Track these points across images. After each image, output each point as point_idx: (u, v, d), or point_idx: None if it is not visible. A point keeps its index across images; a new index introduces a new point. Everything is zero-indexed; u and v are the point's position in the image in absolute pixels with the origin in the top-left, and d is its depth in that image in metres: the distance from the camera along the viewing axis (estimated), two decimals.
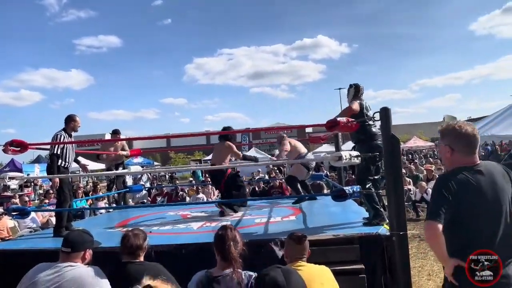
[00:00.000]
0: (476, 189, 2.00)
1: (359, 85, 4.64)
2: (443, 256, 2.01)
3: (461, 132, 2.08)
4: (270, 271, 1.44)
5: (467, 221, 2.01)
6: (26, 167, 20.51)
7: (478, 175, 2.03)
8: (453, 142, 2.10)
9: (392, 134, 3.73)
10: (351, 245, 3.70)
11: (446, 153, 2.13)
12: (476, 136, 2.10)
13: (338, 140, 7.86)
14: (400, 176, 3.71)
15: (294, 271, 1.48)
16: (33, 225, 7.55)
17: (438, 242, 1.96)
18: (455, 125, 2.12)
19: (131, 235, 2.59)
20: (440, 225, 1.94)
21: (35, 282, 2.25)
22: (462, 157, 2.08)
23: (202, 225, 5.07)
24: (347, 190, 4.06)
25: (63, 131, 4.99)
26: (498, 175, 2.08)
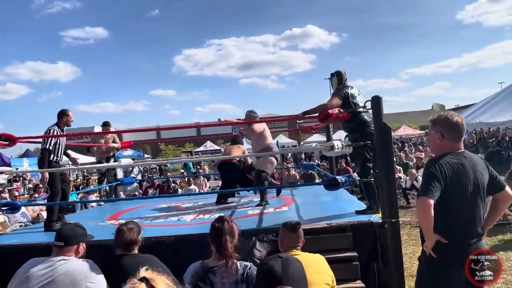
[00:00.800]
0: (462, 171, 2.24)
1: (341, 72, 4.52)
2: (430, 231, 2.19)
3: (452, 121, 2.33)
4: (269, 260, 1.44)
5: (451, 200, 2.23)
6: (14, 162, 20.23)
7: (464, 159, 2.28)
8: (444, 129, 2.34)
9: (384, 122, 3.74)
10: (344, 233, 3.74)
11: (437, 140, 2.37)
12: (464, 125, 2.37)
13: (329, 130, 7.86)
14: (392, 164, 3.74)
15: (295, 260, 1.48)
16: (23, 220, 7.48)
17: (429, 217, 2.14)
18: (447, 115, 2.37)
19: (125, 230, 2.57)
20: (432, 201, 2.13)
21: (28, 276, 2.23)
22: (450, 144, 2.33)
23: (195, 217, 5.06)
24: (339, 179, 4.09)
25: (56, 126, 4.96)
26: (478, 162, 2.34)
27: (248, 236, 3.70)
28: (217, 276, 2.15)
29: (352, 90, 4.39)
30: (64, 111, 5.11)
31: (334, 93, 4.45)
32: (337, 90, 4.42)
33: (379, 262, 3.69)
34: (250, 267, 2.19)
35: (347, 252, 3.60)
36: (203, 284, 2.14)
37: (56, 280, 2.21)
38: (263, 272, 1.41)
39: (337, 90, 4.43)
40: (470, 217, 2.24)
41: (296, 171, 10.91)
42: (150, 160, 21.78)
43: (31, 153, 23.56)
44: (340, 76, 4.50)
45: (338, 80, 4.50)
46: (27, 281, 2.21)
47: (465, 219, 2.24)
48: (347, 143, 4.30)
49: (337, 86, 4.50)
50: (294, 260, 1.47)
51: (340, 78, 4.50)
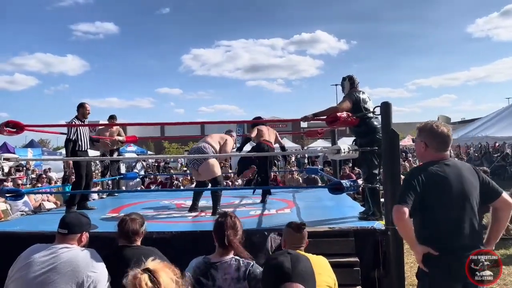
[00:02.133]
0: (443, 179, 2.20)
1: (352, 76, 4.48)
2: (411, 239, 2.20)
3: (437, 131, 2.29)
4: (278, 256, 1.41)
5: (434, 209, 2.20)
6: (19, 151, 20.30)
7: (445, 167, 2.24)
8: (427, 138, 2.32)
9: (392, 129, 3.74)
10: (346, 238, 3.72)
11: (421, 148, 2.35)
12: (450, 136, 2.32)
13: (335, 134, 7.85)
14: (398, 171, 3.73)
15: (305, 257, 1.45)
16: (25, 209, 7.50)
17: (405, 225, 2.15)
18: (433, 124, 2.33)
19: (128, 220, 2.57)
20: (406, 209, 2.12)
21: (30, 262, 2.22)
22: (434, 153, 2.30)
23: (198, 214, 5.06)
24: (344, 183, 4.08)
25: (76, 118, 5.50)
26: (465, 170, 2.28)
27: (249, 235, 3.69)
28: (219, 272, 2.13)
29: (363, 95, 4.38)
30: (82, 103, 5.59)
31: (346, 96, 4.42)
32: (349, 94, 4.39)
33: (380, 269, 3.67)
34: (252, 264, 2.18)
35: (349, 257, 3.59)
36: (205, 279, 2.12)
37: (58, 267, 2.20)
38: (272, 268, 1.38)
39: (348, 94, 4.40)
40: (457, 227, 2.17)
41: (299, 175, 10.89)
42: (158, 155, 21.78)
43: (35, 143, 23.64)
44: (352, 80, 4.46)
45: (350, 84, 4.46)
46: (29, 267, 2.20)
47: (453, 229, 2.17)
48: (354, 148, 4.29)
49: (349, 90, 4.46)
50: (304, 257, 1.45)
51: (352, 82, 4.46)
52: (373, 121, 4.24)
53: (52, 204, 8.41)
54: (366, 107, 4.28)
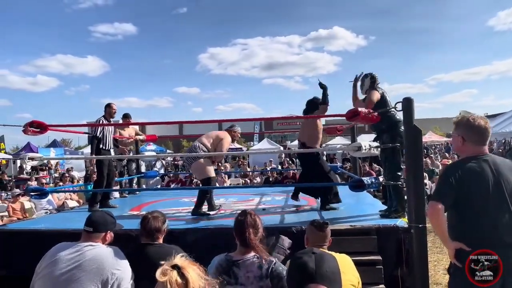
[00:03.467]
0: (480, 176, 2.16)
1: (374, 75, 4.47)
2: (443, 236, 2.20)
3: (474, 124, 2.25)
4: (303, 255, 1.38)
5: (469, 205, 2.16)
6: (42, 151, 20.76)
7: (484, 163, 2.19)
8: (465, 132, 2.28)
9: (414, 125, 3.66)
10: (368, 236, 3.67)
11: (458, 143, 2.31)
12: (488, 129, 2.27)
13: (354, 131, 7.77)
14: (421, 168, 3.65)
15: (331, 257, 1.42)
16: (49, 207, 7.68)
17: (439, 221, 2.14)
18: (469, 118, 2.29)
19: (150, 218, 2.59)
20: (441, 205, 2.12)
21: (56, 260, 2.26)
22: (472, 147, 2.26)
23: (217, 212, 5.08)
24: (365, 180, 4.02)
25: (103, 117, 5.71)
26: (504, 167, 2.22)
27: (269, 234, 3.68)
28: (241, 270, 2.13)
29: (384, 92, 4.37)
30: (109, 103, 5.85)
31: (370, 89, 4.38)
32: (373, 87, 4.37)
33: (403, 268, 3.61)
34: (275, 262, 2.17)
35: (371, 255, 3.54)
36: (227, 276, 2.12)
37: (83, 265, 2.23)
38: (296, 267, 1.36)
39: (372, 87, 4.38)
40: (495, 224, 2.13)
41: None
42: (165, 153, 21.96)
43: (58, 143, 24.16)
44: (374, 79, 4.44)
45: (372, 82, 4.44)
46: (55, 264, 2.25)
47: (489, 225, 2.14)
48: (375, 145, 4.23)
49: (369, 88, 4.44)
50: (330, 256, 1.42)
51: (374, 80, 4.44)
52: (395, 115, 4.22)
53: (75, 202, 8.58)
54: (388, 103, 4.29)
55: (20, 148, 23.31)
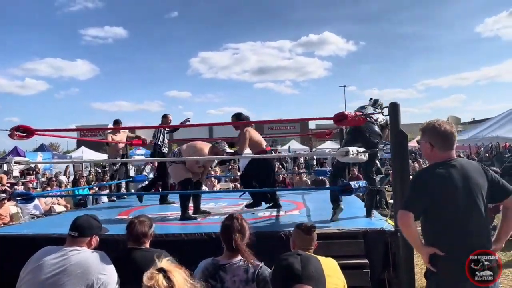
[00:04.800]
0: (448, 181, 2.16)
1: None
2: (416, 242, 2.22)
3: (440, 130, 2.24)
4: (288, 257, 1.40)
5: (439, 211, 2.17)
6: (29, 155, 20.49)
7: (451, 168, 2.19)
8: (432, 138, 2.27)
9: (400, 129, 3.72)
10: (355, 240, 3.70)
11: (426, 149, 2.30)
12: (454, 133, 2.28)
13: (343, 136, 7.81)
14: (407, 172, 3.70)
15: (315, 259, 1.44)
16: (36, 212, 7.57)
17: (410, 230, 2.16)
18: (435, 123, 2.28)
19: (137, 222, 2.58)
20: (411, 214, 2.13)
21: (41, 265, 2.24)
22: (439, 153, 2.25)
23: (205, 217, 5.07)
24: (353, 185, 4.06)
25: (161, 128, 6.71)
26: (472, 170, 2.23)
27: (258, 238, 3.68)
28: (228, 274, 2.13)
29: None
30: (165, 115, 6.84)
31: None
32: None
33: (390, 271, 3.65)
34: (261, 266, 2.17)
35: (358, 259, 3.56)
36: (213, 281, 2.12)
37: (68, 269, 2.21)
38: (281, 269, 1.37)
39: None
40: (465, 228, 2.14)
41: (307, 177, 10.86)
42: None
43: (45, 147, 23.89)
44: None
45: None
46: (40, 269, 2.22)
47: (460, 229, 2.14)
48: (362, 150, 4.27)
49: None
50: (314, 258, 1.43)
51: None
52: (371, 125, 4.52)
53: (62, 207, 8.49)
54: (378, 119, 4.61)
55: (7, 152, 23.00)
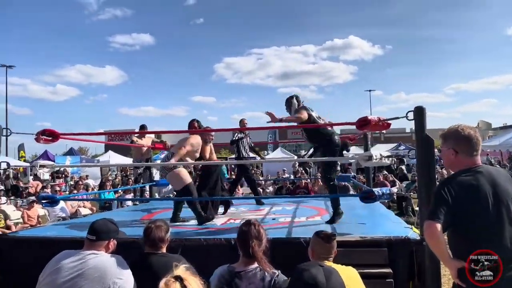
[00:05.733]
0: (477, 189, 2.04)
1: (299, 96, 4.91)
2: (444, 256, 2.05)
3: (465, 135, 2.13)
4: (311, 268, 1.35)
5: (468, 221, 2.03)
6: (58, 159, 21.13)
7: (479, 175, 2.07)
8: (456, 144, 2.16)
9: (426, 134, 3.59)
10: (378, 248, 3.57)
11: (450, 156, 2.19)
12: (479, 138, 2.16)
13: (367, 141, 7.67)
14: (434, 179, 3.56)
15: (335, 271, 1.39)
16: (62, 215, 7.75)
17: (437, 242, 1.99)
18: (457, 128, 2.17)
19: (153, 227, 2.57)
20: (438, 225, 1.97)
21: (59, 268, 2.25)
22: (465, 159, 2.14)
23: (226, 221, 5.04)
24: (376, 192, 3.94)
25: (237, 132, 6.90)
26: (500, 177, 2.12)
27: (277, 244, 3.62)
28: (244, 281, 2.09)
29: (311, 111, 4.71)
30: (241, 119, 7.02)
31: (299, 108, 4.72)
32: (302, 107, 4.73)
33: (415, 282, 3.50)
34: (278, 275, 2.12)
35: (381, 268, 3.44)
36: None
37: (85, 273, 2.22)
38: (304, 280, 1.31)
39: (301, 107, 4.74)
40: (497, 239, 2.00)
41: None
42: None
43: (74, 151, 24.52)
44: (299, 99, 4.88)
45: (298, 102, 4.84)
46: (58, 272, 2.24)
47: (491, 241, 2.00)
48: (386, 154, 4.16)
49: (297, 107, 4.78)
50: (335, 270, 1.38)
51: (299, 100, 4.86)
52: (327, 133, 4.67)
53: (88, 210, 8.65)
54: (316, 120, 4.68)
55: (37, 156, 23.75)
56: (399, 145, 22.75)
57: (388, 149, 21.48)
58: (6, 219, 6.81)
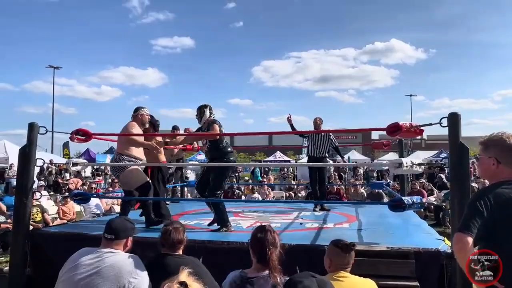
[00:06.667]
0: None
1: (211, 106, 4.90)
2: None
3: (510, 144, 1.96)
4: (304, 279, 1.28)
5: (503, 238, 1.86)
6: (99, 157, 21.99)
7: None
8: (499, 154, 1.99)
9: (461, 142, 3.40)
10: (405, 260, 3.41)
11: (491, 166, 2.01)
12: None
13: (402, 147, 7.42)
14: (468, 188, 3.36)
15: (330, 283, 1.31)
16: (97, 211, 8.00)
17: (467, 256, 1.81)
18: (502, 136, 2.00)
19: (172, 230, 2.57)
20: (470, 238, 1.80)
21: (77, 265, 2.30)
22: (507, 170, 1.97)
23: (252, 224, 5.01)
24: (405, 200, 3.77)
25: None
26: None
27: (301, 251, 3.55)
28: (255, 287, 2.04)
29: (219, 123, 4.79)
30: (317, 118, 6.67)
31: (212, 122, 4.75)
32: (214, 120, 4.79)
33: None
34: None
35: (408, 280, 3.27)
36: None
37: (102, 271, 2.26)
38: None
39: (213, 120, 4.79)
40: None
41: (364, 189, 10.44)
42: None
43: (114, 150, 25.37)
44: (211, 110, 4.89)
45: (210, 113, 4.86)
46: (76, 269, 2.29)
47: None
48: (419, 162, 3.99)
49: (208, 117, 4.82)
50: (329, 282, 1.31)
51: (211, 111, 4.88)
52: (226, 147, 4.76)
53: None
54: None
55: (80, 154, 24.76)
56: (440, 152, 21.85)
57: (429, 156, 20.72)
58: (43, 213, 7.11)
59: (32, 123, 4.40)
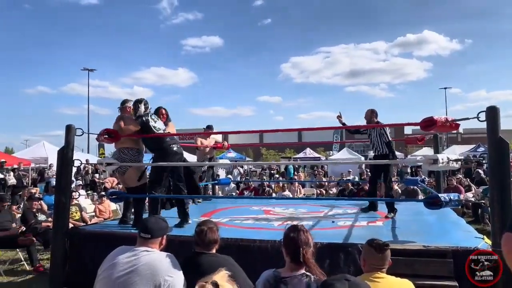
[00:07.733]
0: None
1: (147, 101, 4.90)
2: None
3: None
4: (336, 282, 1.27)
5: None
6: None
7: None
8: None
9: (500, 137, 3.26)
10: (443, 259, 3.31)
11: None
12: None
13: (437, 142, 7.18)
14: (508, 185, 3.22)
15: (365, 285, 1.28)
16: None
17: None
18: None
19: (207, 230, 2.60)
20: None
21: (115, 263, 2.36)
22: None
23: (283, 222, 5.00)
24: (442, 197, 3.66)
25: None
26: None
27: (333, 249, 3.51)
28: (289, 287, 2.03)
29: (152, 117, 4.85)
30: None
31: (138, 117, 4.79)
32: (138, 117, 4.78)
33: None
34: None
35: (446, 280, 3.18)
36: None
37: (138, 269, 2.30)
38: None
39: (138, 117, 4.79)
40: None
41: (398, 186, 10.20)
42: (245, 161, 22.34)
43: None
44: (147, 105, 4.89)
45: (145, 108, 4.84)
46: (113, 267, 2.35)
47: None
48: (456, 158, 3.85)
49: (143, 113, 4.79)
50: (364, 284, 1.28)
51: (147, 107, 4.87)
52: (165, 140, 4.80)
53: None
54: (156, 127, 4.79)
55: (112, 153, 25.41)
56: (477, 147, 21.03)
57: (465, 150, 19.98)
58: (81, 212, 7.36)
59: (69, 125, 4.55)
